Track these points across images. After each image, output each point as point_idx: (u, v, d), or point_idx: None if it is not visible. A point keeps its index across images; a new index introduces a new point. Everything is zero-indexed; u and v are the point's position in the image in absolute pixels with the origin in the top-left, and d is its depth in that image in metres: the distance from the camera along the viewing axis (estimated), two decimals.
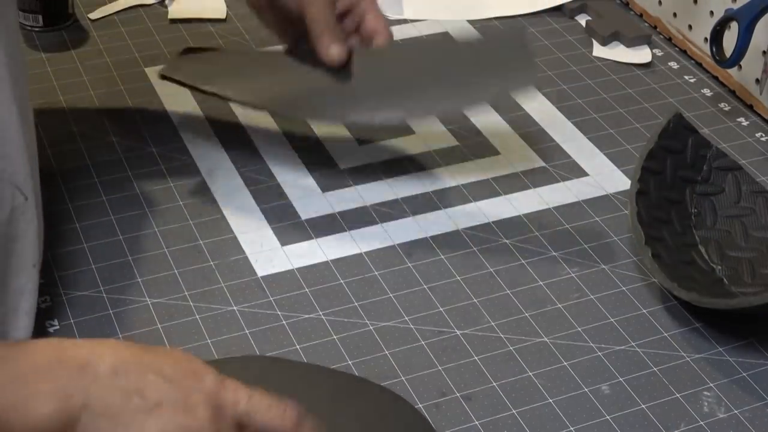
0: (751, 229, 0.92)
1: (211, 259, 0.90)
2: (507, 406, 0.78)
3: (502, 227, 0.95)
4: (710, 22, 1.13)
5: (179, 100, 1.09)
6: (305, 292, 0.87)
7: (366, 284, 0.88)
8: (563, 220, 0.96)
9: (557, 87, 1.14)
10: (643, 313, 0.87)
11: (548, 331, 0.85)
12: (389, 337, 0.84)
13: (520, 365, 0.82)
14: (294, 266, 0.90)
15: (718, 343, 0.84)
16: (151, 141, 1.03)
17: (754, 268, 0.89)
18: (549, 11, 1.26)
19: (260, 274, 0.89)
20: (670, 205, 0.92)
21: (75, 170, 0.99)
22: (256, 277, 0.89)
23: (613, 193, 0.99)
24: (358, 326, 0.85)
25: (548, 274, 0.90)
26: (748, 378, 0.81)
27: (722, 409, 0.79)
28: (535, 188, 1.00)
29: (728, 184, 0.94)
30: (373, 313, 0.86)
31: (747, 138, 1.07)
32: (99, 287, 0.87)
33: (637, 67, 1.18)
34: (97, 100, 1.08)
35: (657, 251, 0.87)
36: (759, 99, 1.10)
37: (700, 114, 1.10)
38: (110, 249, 0.91)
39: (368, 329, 0.84)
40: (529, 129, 1.07)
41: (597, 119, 1.09)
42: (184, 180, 0.99)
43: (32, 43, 1.16)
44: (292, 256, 0.91)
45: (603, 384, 0.80)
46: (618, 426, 0.77)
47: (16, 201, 0.76)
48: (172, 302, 0.86)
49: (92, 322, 0.84)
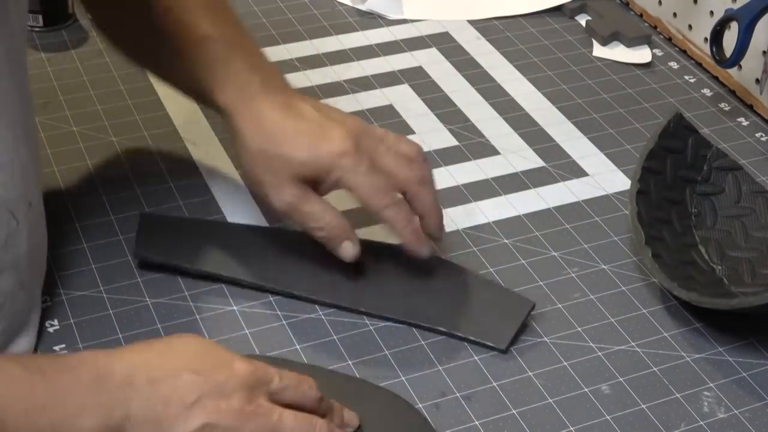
0: (751, 229, 0.92)
1: None
2: (507, 406, 0.78)
3: (502, 227, 0.95)
4: (710, 22, 1.13)
5: (179, 100, 1.09)
6: None
7: None
8: (563, 220, 0.96)
9: (557, 87, 1.14)
10: (643, 313, 0.87)
11: (548, 331, 0.85)
12: (389, 337, 0.84)
13: (520, 365, 0.82)
14: None
15: (718, 343, 0.84)
16: (151, 141, 1.03)
17: (754, 268, 0.89)
18: (549, 11, 1.26)
19: None
20: (670, 205, 0.92)
21: (75, 170, 0.99)
22: None
23: (613, 193, 0.99)
24: (358, 326, 0.84)
25: (548, 274, 0.90)
26: (748, 378, 0.81)
27: (722, 409, 0.79)
28: (535, 188, 1.00)
29: (728, 184, 0.94)
30: None
31: (747, 138, 1.07)
32: (99, 287, 0.87)
33: (637, 67, 1.18)
34: (97, 100, 1.08)
35: (657, 251, 0.87)
36: (759, 99, 1.10)
37: (700, 114, 1.10)
38: (110, 249, 0.90)
39: (368, 329, 0.84)
40: (529, 129, 1.07)
41: (597, 119, 1.09)
42: (184, 180, 0.99)
43: (32, 43, 1.16)
44: None
45: (603, 384, 0.80)
46: (618, 426, 0.77)
47: (11, 227, 0.76)
48: (172, 302, 0.86)
49: (92, 322, 0.84)
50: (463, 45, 1.20)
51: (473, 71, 1.16)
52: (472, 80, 1.14)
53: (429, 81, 1.14)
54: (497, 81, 1.15)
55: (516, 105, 1.11)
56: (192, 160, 1.01)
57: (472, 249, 0.92)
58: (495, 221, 0.95)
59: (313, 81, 1.13)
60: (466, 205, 0.97)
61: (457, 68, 1.16)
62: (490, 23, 1.24)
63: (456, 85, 1.14)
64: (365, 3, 1.25)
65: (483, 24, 1.24)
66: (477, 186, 1.00)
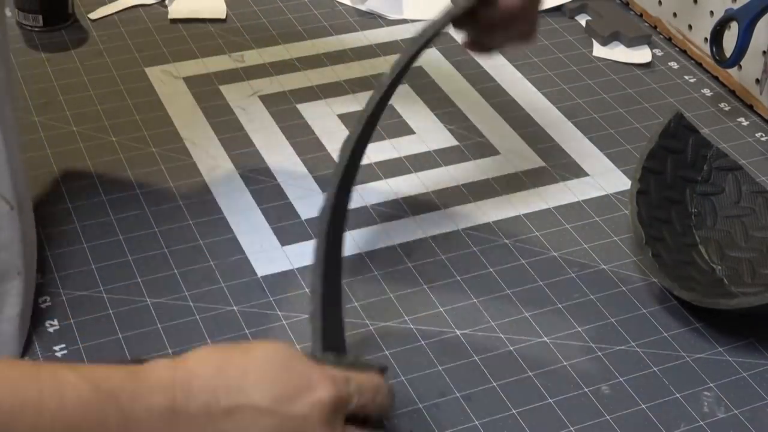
0: (751, 229, 0.92)
1: (211, 259, 0.90)
2: (507, 406, 0.78)
3: (502, 227, 0.95)
4: (710, 22, 1.13)
5: (179, 100, 1.09)
6: (305, 292, 0.87)
7: (366, 284, 0.88)
8: (563, 220, 0.96)
9: (557, 87, 1.14)
10: (643, 313, 0.87)
11: (548, 331, 0.85)
12: (389, 337, 0.84)
13: (520, 365, 0.82)
14: (294, 266, 0.90)
15: (718, 343, 0.84)
16: (151, 141, 1.03)
17: (754, 268, 0.89)
18: (549, 11, 1.26)
19: (260, 274, 0.89)
20: (670, 205, 0.92)
21: (75, 170, 0.99)
22: (256, 277, 0.89)
23: (613, 193, 0.99)
24: (358, 326, 0.84)
25: (548, 274, 0.90)
26: (748, 378, 0.81)
27: (722, 409, 0.79)
28: (535, 188, 1.00)
29: (728, 184, 0.94)
30: (373, 313, 0.86)
31: (747, 138, 1.07)
32: (99, 287, 0.87)
33: (637, 67, 1.18)
34: (97, 100, 1.08)
35: (657, 251, 0.87)
36: (759, 99, 1.10)
37: (700, 114, 1.10)
38: (110, 249, 0.91)
39: (368, 329, 0.84)
40: (529, 129, 1.07)
41: (597, 119, 1.09)
42: (184, 180, 0.99)
43: (32, 43, 1.16)
44: (292, 256, 0.91)
45: (603, 384, 0.80)
46: (618, 426, 0.77)
47: (1, 209, 0.76)
48: (172, 302, 0.86)
49: (92, 322, 0.84)
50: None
51: (473, 71, 1.16)
52: (472, 80, 1.14)
53: (429, 81, 1.14)
54: (497, 81, 1.15)
55: (516, 105, 1.11)
56: (192, 160, 1.01)
57: (472, 249, 0.92)
58: (495, 221, 0.95)
59: (313, 81, 1.13)
60: (466, 205, 0.97)
61: (457, 68, 1.16)
62: None
63: (456, 85, 1.14)
64: (365, 3, 1.25)
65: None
66: (477, 186, 1.00)
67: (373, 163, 1.01)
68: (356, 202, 0.96)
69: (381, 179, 1.00)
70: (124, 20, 1.22)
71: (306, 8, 1.26)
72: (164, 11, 1.24)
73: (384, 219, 0.95)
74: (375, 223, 0.95)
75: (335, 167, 0.78)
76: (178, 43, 1.18)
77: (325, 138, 1.05)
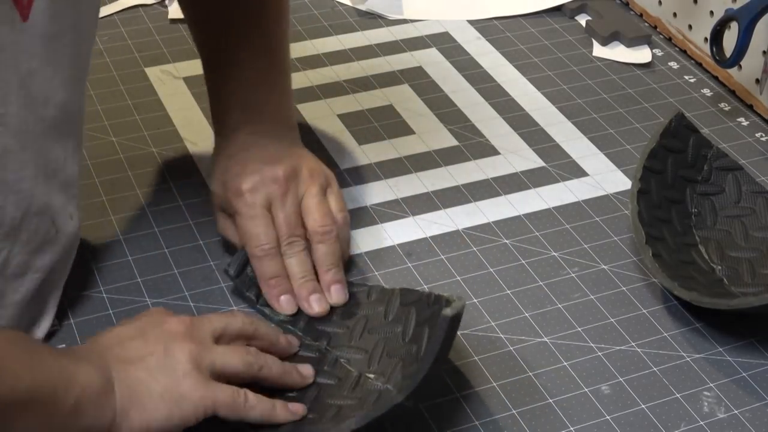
0: (751, 229, 0.92)
1: (211, 259, 0.90)
2: (507, 406, 0.78)
3: (502, 227, 0.95)
4: (710, 22, 1.13)
5: (179, 100, 1.09)
6: None
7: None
8: (563, 220, 0.96)
9: (557, 87, 1.14)
10: (643, 313, 0.87)
11: (548, 331, 0.85)
12: None
13: (520, 365, 0.82)
14: None
15: (718, 343, 0.84)
16: (151, 141, 1.03)
17: (754, 268, 0.89)
18: (549, 11, 1.26)
19: None
20: (670, 204, 0.92)
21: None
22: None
23: (613, 193, 0.99)
24: None
25: (548, 274, 0.90)
26: (748, 378, 0.81)
27: (722, 409, 0.79)
28: (535, 188, 1.00)
29: (728, 184, 0.94)
30: None
31: (747, 138, 1.07)
32: (99, 287, 0.87)
33: (637, 67, 1.18)
34: (97, 100, 1.08)
35: (657, 251, 0.87)
36: (759, 99, 1.10)
37: (700, 114, 1.10)
38: (111, 249, 0.91)
39: None
40: (529, 129, 1.07)
41: (597, 119, 1.09)
42: (184, 180, 0.99)
43: None
44: None
45: (603, 384, 0.80)
46: (618, 426, 0.77)
47: (49, 234, 0.79)
48: (172, 302, 0.86)
49: (92, 322, 0.84)
50: (463, 45, 1.21)
51: (473, 71, 1.16)
52: (472, 80, 1.14)
53: (429, 81, 1.14)
54: (497, 81, 1.15)
55: (516, 105, 1.11)
56: (192, 160, 1.01)
57: (472, 249, 0.92)
58: (495, 221, 0.95)
59: (313, 81, 1.13)
60: (466, 205, 0.97)
61: (457, 68, 1.16)
62: (490, 23, 1.24)
63: (456, 85, 1.14)
64: (365, 3, 1.26)
65: (483, 24, 1.24)
66: (477, 186, 1.00)
67: (373, 163, 1.02)
68: (357, 203, 0.97)
69: (381, 179, 1.00)
70: (124, 20, 1.22)
71: (306, 8, 1.26)
72: (164, 11, 1.24)
73: (384, 219, 0.95)
74: (375, 223, 0.95)
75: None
76: (178, 43, 1.18)
77: (325, 139, 1.05)
